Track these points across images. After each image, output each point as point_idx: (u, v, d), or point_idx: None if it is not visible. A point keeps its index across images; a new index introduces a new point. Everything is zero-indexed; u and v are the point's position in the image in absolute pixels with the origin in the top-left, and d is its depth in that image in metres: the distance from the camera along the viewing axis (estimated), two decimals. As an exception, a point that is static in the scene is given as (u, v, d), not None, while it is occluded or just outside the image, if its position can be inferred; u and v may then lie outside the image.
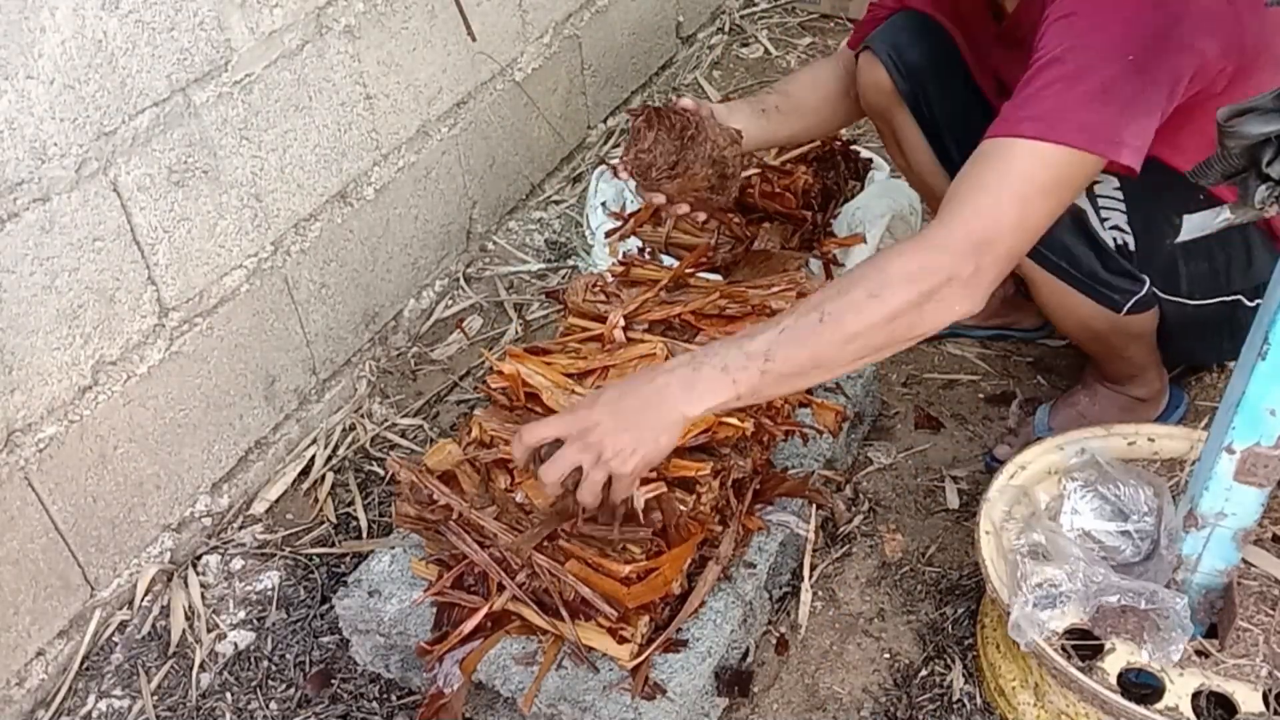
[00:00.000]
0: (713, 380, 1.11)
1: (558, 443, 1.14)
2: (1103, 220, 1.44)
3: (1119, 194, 1.44)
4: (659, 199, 1.49)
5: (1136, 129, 1.14)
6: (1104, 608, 1.21)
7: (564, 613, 1.27)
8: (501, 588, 1.32)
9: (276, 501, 1.79)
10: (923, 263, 1.09)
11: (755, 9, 3.12)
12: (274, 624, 1.59)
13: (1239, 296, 1.49)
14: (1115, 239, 1.45)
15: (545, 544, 1.29)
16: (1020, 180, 1.11)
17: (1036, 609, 1.21)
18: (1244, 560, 1.24)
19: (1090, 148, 1.12)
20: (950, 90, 1.63)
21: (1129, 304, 1.48)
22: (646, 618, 1.29)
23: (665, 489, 1.26)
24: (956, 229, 1.11)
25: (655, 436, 1.12)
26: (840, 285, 1.12)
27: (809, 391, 1.65)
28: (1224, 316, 1.51)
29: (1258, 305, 1.45)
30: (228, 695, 1.51)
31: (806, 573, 1.56)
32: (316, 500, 1.78)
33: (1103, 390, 1.69)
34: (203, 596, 1.63)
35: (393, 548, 1.47)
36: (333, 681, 1.50)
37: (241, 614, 1.61)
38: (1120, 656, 1.22)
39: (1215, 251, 1.47)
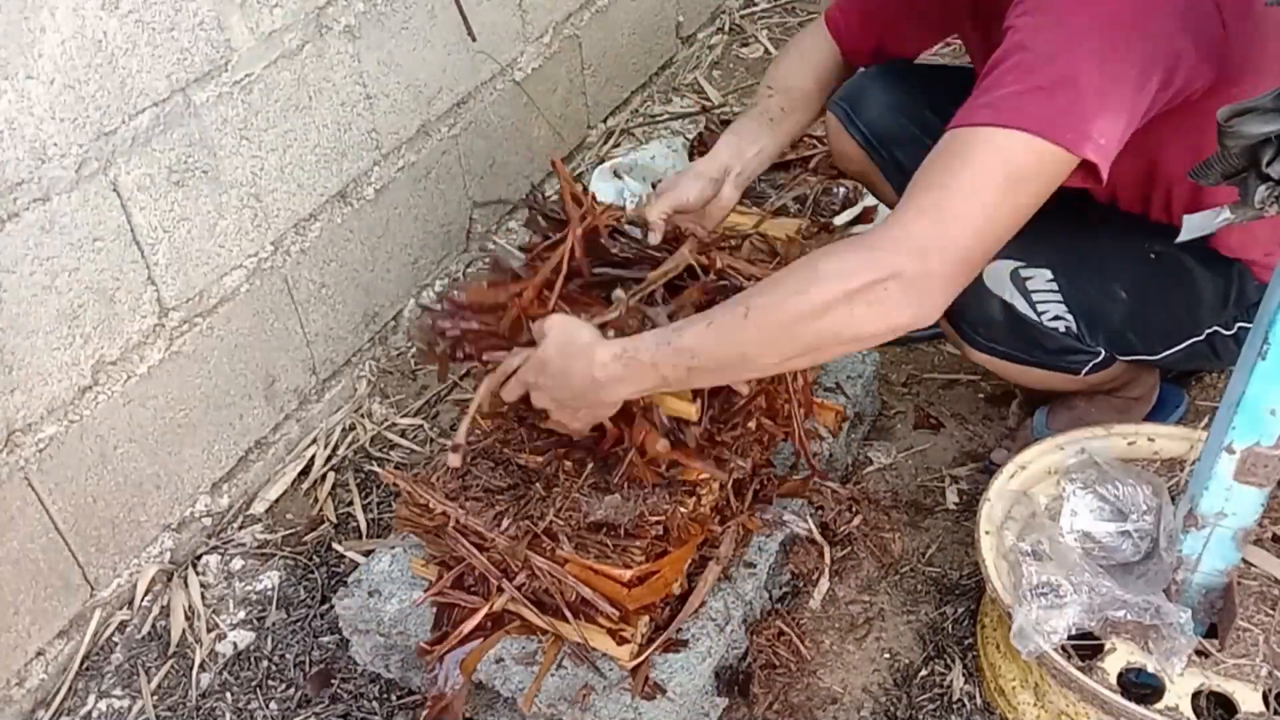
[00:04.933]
0: (641, 375, 1.13)
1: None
2: (1040, 313, 1.40)
3: (1052, 285, 1.39)
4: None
5: (1102, 125, 1.04)
6: (1108, 620, 1.21)
7: (567, 613, 1.27)
8: (501, 589, 1.32)
9: (276, 501, 1.79)
10: (855, 260, 1.02)
11: (755, 9, 3.12)
12: (274, 624, 1.59)
13: (1215, 329, 1.44)
14: (1059, 327, 1.42)
15: (544, 547, 1.28)
16: (974, 172, 1.02)
17: (1040, 615, 1.21)
18: (1244, 560, 1.24)
19: (1048, 135, 1.02)
20: (921, 145, 1.61)
21: (1087, 369, 1.48)
22: (646, 617, 1.29)
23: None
24: (896, 228, 1.03)
25: (594, 412, 1.21)
26: (769, 281, 1.09)
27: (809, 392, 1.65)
28: (1204, 349, 1.46)
29: (1239, 330, 1.43)
30: (228, 695, 1.51)
31: (808, 572, 1.56)
32: (316, 500, 1.78)
33: (1098, 394, 1.69)
34: (203, 596, 1.63)
35: (393, 548, 1.47)
36: (333, 681, 1.50)
37: (241, 614, 1.61)
38: (1120, 656, 1.22)
39: (1174, 300, 1.42)
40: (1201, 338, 1.45)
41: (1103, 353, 1.46)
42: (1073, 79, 1.04)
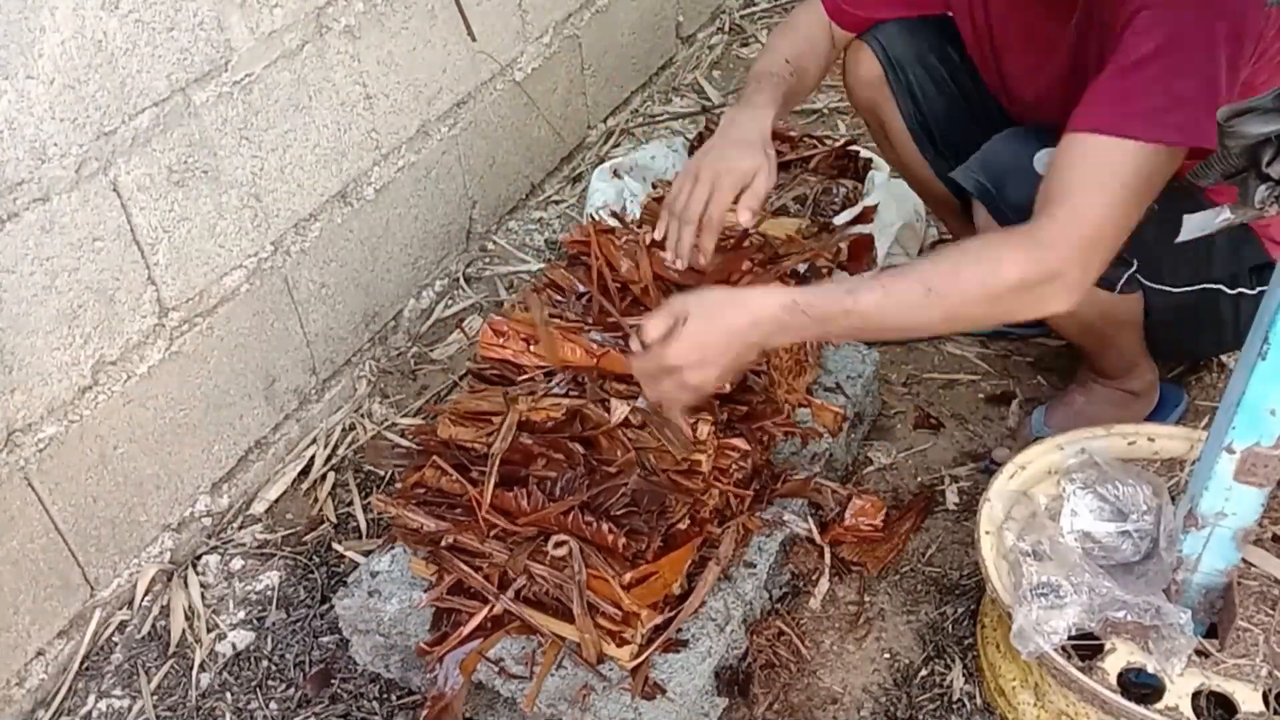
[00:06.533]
0: (805, 328, 1.19)
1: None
2: None
3: None
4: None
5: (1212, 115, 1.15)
6: (1108, 620, 1.22)
7: (577, 610, 1.26)
8: (503, 588, 1.32)
9: (276, 501, 1.79)
10: (1036, 259, 1.14)
11: (755, 9, 3.12)
12: (274, 624, 1.59)
13: (1219, 285, 1.49)
14: None
15: (540, 556, 1.28)
16: (1127, 182, 1.14)
17: (1040, 616, 1.21)
18: (1244, 560, 1.24)
19: (1192, 143, 1.14)
20: (937, 82, 1.65)
21: (1122, 281, 1.47)
22: (646, 613, 1.29)
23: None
24: (1066, 229, 1.14)
25: (733, 368, 1.23)
26: (949, 261, 1.18)
27: (809, 392, 1.65)
28: (1205, 306, 1.51)
29: (1238, 293, 1.48)
30: (227, 695, 1.51)
31: (808, 572, 1.56)
32: (316, 500, 1.78)
33: (1098, 387, 1.69)
34: (202, 596, 1.63)
35: (392, 548, 1.47)
36: (332, 681, 1.50)
37: (241, 614, 1.61)
38: (1120, 656, 1.22)
39: (1195, 239, 1.47)
40: (1210, 286, 1.49)
41: (1135, 263, 1.46)
42: (1212, 86, 1.14)
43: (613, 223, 1.71)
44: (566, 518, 1.27)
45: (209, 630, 1.59)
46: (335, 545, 1.69)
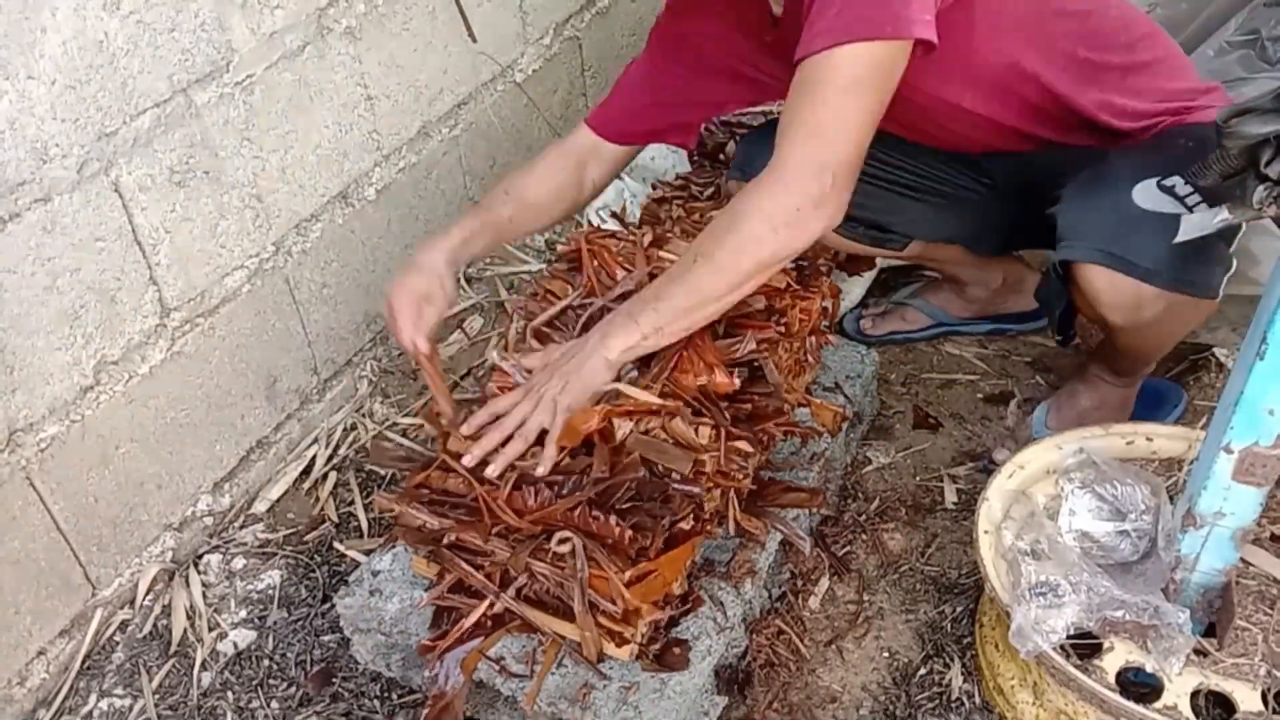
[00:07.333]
0: (621, 326, 1.33)
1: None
2: (1190, 208, 1.29)
3: (1189, 187, 1.30)
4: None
5: (919, 5, 1.19)
6: (1106, 619, 1.22)
7: (578, 608, 1.26)
8: (504, 587, 1.32)
9: (278, 501, 1.80)
10: (769, 196, 1.24)
11: (755, 9, 3.12)
12: (275, 623, 1.59)
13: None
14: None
15: (542, 554, 1.28)
16: (834, 91, 1.20)
17: (1039, 615, 1.21)
18: (1242, 559, 1.24)
19: (878, 35, 1.18)
20: None
21: (1223, 283, 1.38)
22: (646, 609, 1.29)
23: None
24: (793, 157, 1.23)
25: (582, 377, 1.33)
26: (707, 230, 1.31)
27: (808, 391, 1.66)
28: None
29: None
30: (229, 694, 1.51)
31: (808, 571, 1.56)
32: (318, 499, 1.78)
33: (1105, 386, 1.69)
34: (204, 595, 1.64)
35: (394, 547, 1.47)
36: (334, 680, 1.51)
37: (243, 613, 1.62)
38: (1119, 655, 1.22)
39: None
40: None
41: (1234, 264, 1.38)
42: None
43: (613, 224, 1.72)
44: (573, 513, 1.27)
45: (210, 629, 1.59)
46: (336, 544, 1.69)
